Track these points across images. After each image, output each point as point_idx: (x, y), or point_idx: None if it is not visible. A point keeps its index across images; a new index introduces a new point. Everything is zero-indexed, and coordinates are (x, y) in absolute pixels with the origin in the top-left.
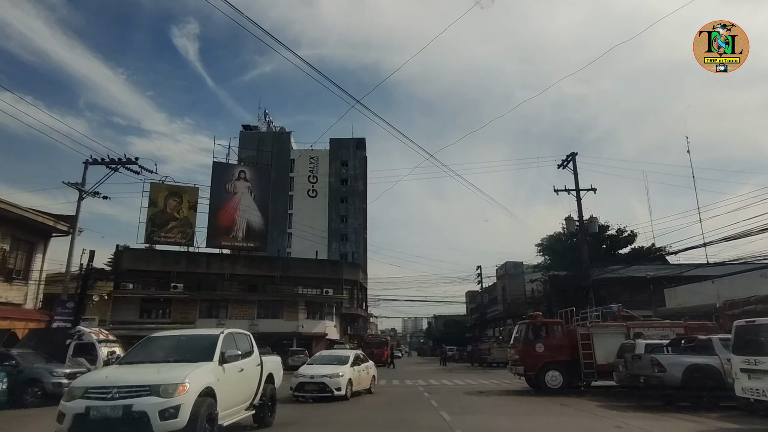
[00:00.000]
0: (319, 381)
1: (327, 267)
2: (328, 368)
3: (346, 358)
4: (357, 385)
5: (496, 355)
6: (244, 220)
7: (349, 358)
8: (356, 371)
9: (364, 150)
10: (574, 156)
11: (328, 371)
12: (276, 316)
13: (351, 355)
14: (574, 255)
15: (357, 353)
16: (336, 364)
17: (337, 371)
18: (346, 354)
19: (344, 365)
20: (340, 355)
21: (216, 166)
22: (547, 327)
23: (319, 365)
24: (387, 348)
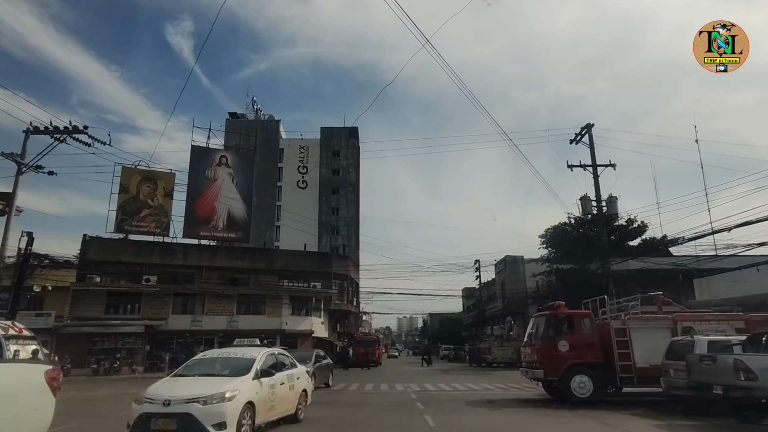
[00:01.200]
0: (181, 412)
1: (315, 259)
2: (204, 384)
3: (246, 363)
4: (267, 413)
5: (497, 354)
6: (225, 208)
7: (252, 364)
8: (265, 387)
9: (357, 139)
10: (589, 128)
11: (203, 390)
12: (257, 312)
13: (259, 358)
14: (581, 246)
15: (275, 353)
16: (225, 376)
17: (219, 390)
18: (248, 356)
19: (240, 377)
20: (237, 358)
21: (195, 150)
22: (572, 320)
23: (190, 379)
24: (379, 347)
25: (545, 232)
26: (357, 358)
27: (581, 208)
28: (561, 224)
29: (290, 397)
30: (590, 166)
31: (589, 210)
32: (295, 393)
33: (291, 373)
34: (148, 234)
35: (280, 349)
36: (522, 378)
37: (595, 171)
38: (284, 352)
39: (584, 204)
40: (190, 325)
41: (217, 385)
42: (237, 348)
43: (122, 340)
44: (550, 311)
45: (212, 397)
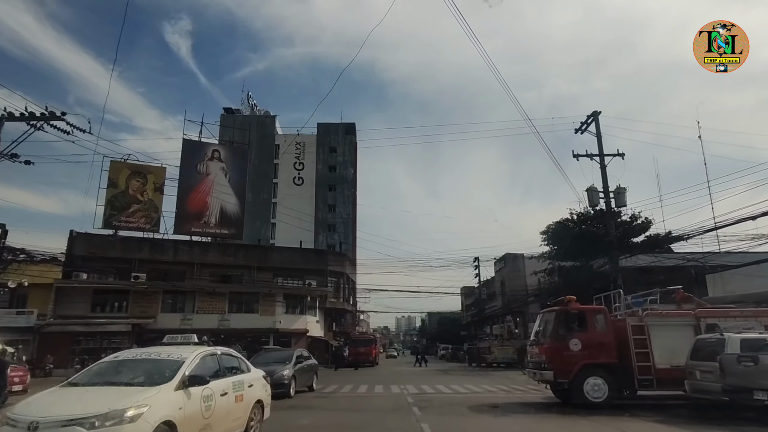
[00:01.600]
0: None
1: (310, 257)
2: (100, 397)
3: (170, 367)
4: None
5: (498, 354)
6: (217, 204)
7: (179, 368)
8: (196, 400)
9: (354, 135)
10: (596, 116)
11: (94, 406)
12: (250, 310)
13: (189, 360)
14: (583, 243)
15: (216, 354)
16: (137, 385)
17: (118, 406)
18: (174, 358)
19: (156, 387)
20: (159, 361)
21: (186, 144)
22: (584, 317)
23: (84, 389)
24: (375, 346)
25: (547, 228)
26: (353, 357)
27: (588, 200)
28: (563, 220)
29: (237, 411)
30: (597, 155)
31: (596, 202)
32: (245, 406)
33: (239, 381)
34: (138, 230)
35: (226, 349)
36: (527, 379)
37: (602, 161)
38: (231, 352)
39: (591, 195)
40: (179, 324)
41: (118, 398)
42: (164, 347)
43: (108, 339)
44: (560, 307)
45: (105, 416)
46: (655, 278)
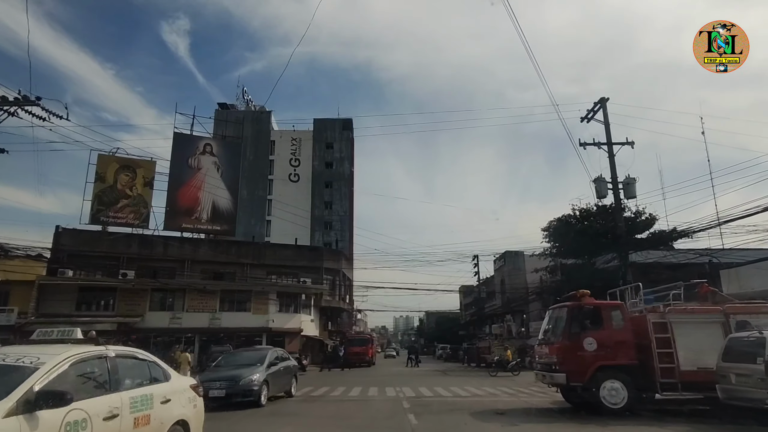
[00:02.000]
0: None
1: (305, 254)
2: None
3: (11, 378)
4: None
5: (498, 354)
6: (209, 199)
7: (25, 380)
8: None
9: (351, 131)
10: (604, 103)
11: None
12: (242, 308)
13: (47, 367)
14: (587, 239)
15: (105, 359)
16: None
17: None
18: (23, 364)
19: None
20: None
21: (177, 137)
22: (600, 313)
23: None
24: (372, 346)
25: (548, 224)
26: (349, 357)
27: (595, 191)
28: (565, 216)
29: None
30: (605, 144)
31: (605, 193)
32: (157, 427)
33: (144, 395)
34: (126, 226)
35: (127, 350)
36: (531, 381)
37: (610, 149)
38: (136, 354)
39: (599, 186)
40: (168, 323)
41: None
42: (21, 348)
43: None
44: (573, 302)
45: None
46: (659, 275)
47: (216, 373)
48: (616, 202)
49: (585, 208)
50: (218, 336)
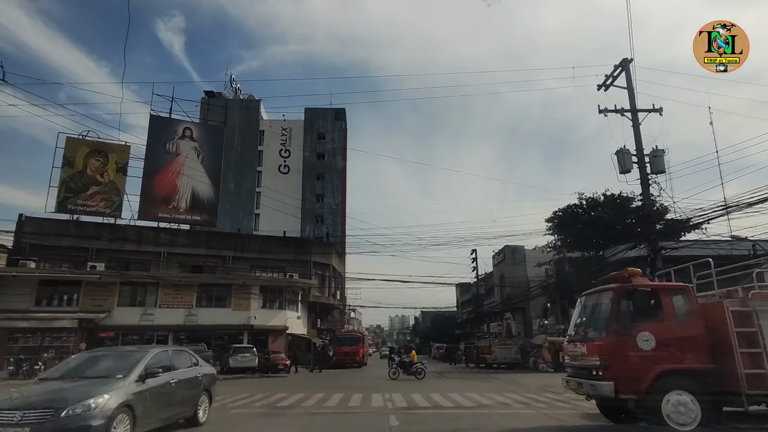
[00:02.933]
0: None
1: (292, 246)
2: None
3: None
4: None
5: (499, 354)
6: (188, 187)
7: None
8: None
9: (344, 121)
10: (627, 64)
11: None
12: (221, 304)
13: None
14: (595, 230)
15: None
16: None
17: None
18: None
19: None
20: None
21: (154, 120)
22: (659, 298)
23: None
24: (363, 345)
25: (553, 215)
26: (338, 358)
27: (618, 165)
28: (570, 207)
29: None
30: (628, 111)
31: (629, 167)
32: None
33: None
34: (96, 214)
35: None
36: (541, 385)
37: (634, 117)
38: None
39: (622, 159)
40: (139, 320)
41: None
42: None
43: (52, 336)
44: (621, 283)
45: None
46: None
47: (27, 393)
48: (642, 176)
49: (592, 198)
50: (195, 334)
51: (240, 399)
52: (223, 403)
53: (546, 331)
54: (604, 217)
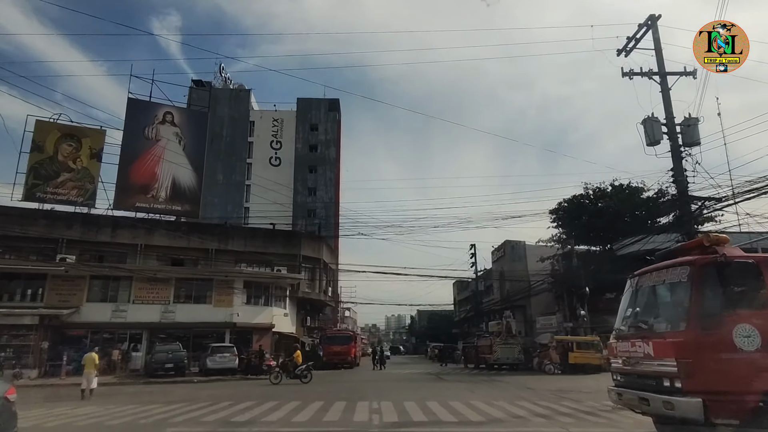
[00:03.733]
0: None
1: (280, 239)
2: None
3: None
4: None
5: (500, 354)
6: (168, 175)
7: None
8: None
9: (338, 112)
10: (654, 22)
11: None
12: (201, 300)
13: None
14: (603, 222)
15: None
16: None
17: None
18: None
19: None
20: None
21: (132, 103)
22: (761, 275)
23: None
24: (355, 344)
25: (557, 206)
26: (327, 358)
27: (645, 136)
28: (576, 197)
29: None
30: (656, 74)
31: (658, 137)
32: None
33: None
34: (68, 203)
35: None
36: (554, 391)
37: (664, 82)
38: None
39: (650, 129)
40: (110, 317)
41: None
42: None
43: (10, 333)
44: (701, 256)
45: None
46: None
47: None
48: (674, 148)
49: (599, 188)
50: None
51: (195, 409)
52: (169, 416)
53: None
54: (613, 208)
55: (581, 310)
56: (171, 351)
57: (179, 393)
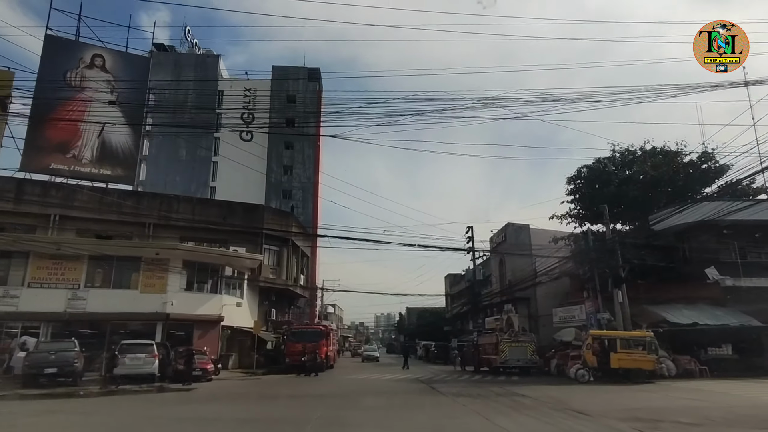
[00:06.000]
0: None
1: (238, 214)
2: None
3: None
4: None
5: (510, 355)
6: (96, 132)
7: None
8: None
9: (319, 82)
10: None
11: None
12: (124, 284)
13: None
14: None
15: None
16: None
17: None
18: None
19: None
20: None
21: (51, 42)
22: None
23: None
24: (326, 342)
25: (577, 172)
26: (290, 359)
27: None
28: (601, 161)
29: None
30: None
31: None
32: None
33: None
34: None
35: None
36: (635, 419)
37: None
38: None
39: None
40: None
41: None
42: None
43: None
44: None
45: None
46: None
47: None
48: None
49: (629, 150)
50: (84, 326)
51: None
52: None
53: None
54: (650, 174)
55: (619, 298)
56: (56, 350)
57: None
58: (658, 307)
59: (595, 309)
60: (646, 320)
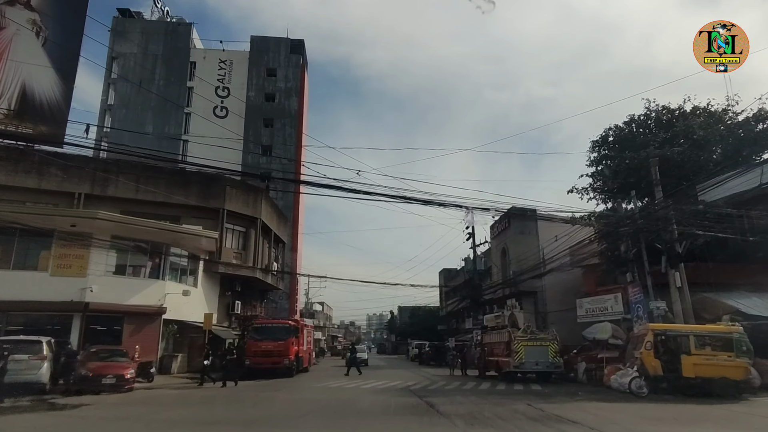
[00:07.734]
0: None
1: (194, 186)
2: None
3: None
4: None
5: (527, 357)
6: (16, 80)
7: None
8: None
9: (303, 56)
10: None
11: None
12: (30, 265)
13: None
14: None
15: None
16: None
17: None
18: None
19: None
20: None
21: None
22: None
23: None
24: (297, 339)
25: (604, 133)
26: (252, 361)
27: None
28: (634, 119)
29: None
30: None
31: None
32: None
33: None
34: None
35: None
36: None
37: None
38: None
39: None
40: None
41: None
42: None
43: None
44: None
45: None
46: None
47: None
48: None
49: (666, 107)
50: None
51: None
52: None
53: None
54: (697, 136)
55: (677, 282)
56: None
57: None
58: (720, 294)
59: (643, 294)
60: (710, 312)
